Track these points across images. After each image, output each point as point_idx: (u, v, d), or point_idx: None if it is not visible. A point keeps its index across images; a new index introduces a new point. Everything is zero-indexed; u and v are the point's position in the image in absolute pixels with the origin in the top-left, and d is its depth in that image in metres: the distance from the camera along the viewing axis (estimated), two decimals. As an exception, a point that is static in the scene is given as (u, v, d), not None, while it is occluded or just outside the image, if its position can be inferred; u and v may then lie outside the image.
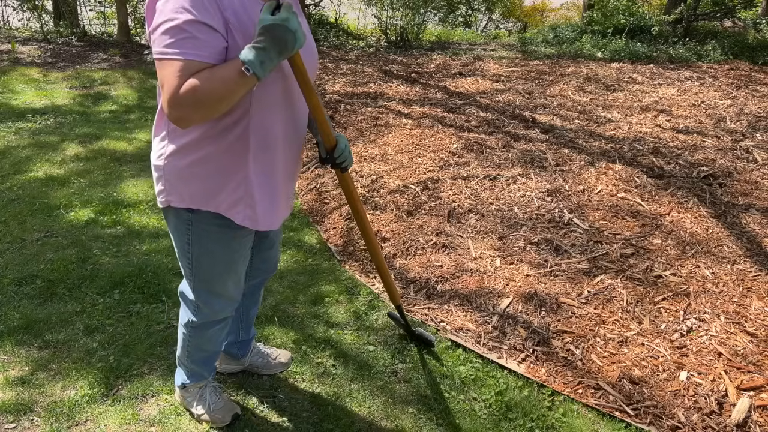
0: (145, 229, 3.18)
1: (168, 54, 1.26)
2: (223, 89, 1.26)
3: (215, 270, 1.65)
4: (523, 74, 6.60)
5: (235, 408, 1.94)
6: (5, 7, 8.52)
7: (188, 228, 1.58)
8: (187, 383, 1.92)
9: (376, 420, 1.99)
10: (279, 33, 1.26)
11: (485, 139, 4.42)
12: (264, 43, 1.26)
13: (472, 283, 2.72)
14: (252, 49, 1.25)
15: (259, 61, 1.25)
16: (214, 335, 1.83)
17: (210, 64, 1.28)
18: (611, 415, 2.02)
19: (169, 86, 1.26)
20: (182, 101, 1.26)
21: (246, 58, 1.25)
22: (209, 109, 1.29)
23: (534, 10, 12.34)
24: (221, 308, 1.75)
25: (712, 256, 2.88)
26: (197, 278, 1.67)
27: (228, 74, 1.26)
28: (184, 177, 1.50)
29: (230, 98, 1.29)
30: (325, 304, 2.59)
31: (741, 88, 5.93)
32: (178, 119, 1.29)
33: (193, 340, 1.82)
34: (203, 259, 1.63)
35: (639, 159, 3.99)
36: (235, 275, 1.69)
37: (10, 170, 3.85)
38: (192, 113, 1.29)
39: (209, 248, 1.60)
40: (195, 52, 1.26)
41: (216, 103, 1.28)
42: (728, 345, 2.30)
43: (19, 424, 1.91)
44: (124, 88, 5.92)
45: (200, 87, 1.25)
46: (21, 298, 2.55)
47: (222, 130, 1.44)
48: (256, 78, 1.27)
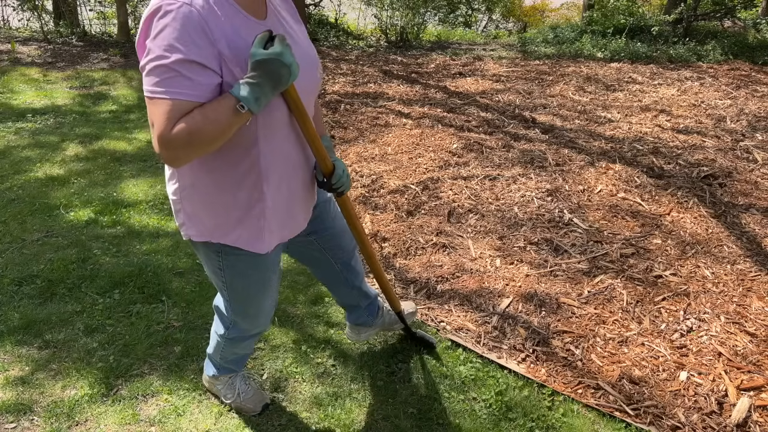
0: (145, 229, 3.18)
1: (157, 93, 1.19)
2: (216, 130, 1.21)
3: (250, 292, 1.64)
4: (523, 74, 6.60)
5: (266, 397, 1.99)
6: (5, 7, 8.52)
7: (218, 256, 1.55)
8: (216, 374, 1.97)
9: (376, 420, 1.99)
10: (273, 67, 1.20)
11: (485, 139, 4.42)
12: (258, 78, 1.20)
13: (472, 283, 2.72)
14: (246, 86, 1.20)
15: (254, 98, 1.21)
16: (249, 344, 1.90)
17: (201, 104, 1.22)
18: (611, 415, 2.02)
19: (159, 127, 1.19)
20: (173, 143, 1.20)
21: (240, 95, 1.20)
22: (202, 150, 1.24)
23: (534, 10, 12.34)
24: (257, 324, 1.77)
25: (712, 256, 2.88)
26: (233, 301, 1.67)
27: (221, 113, 1.20)
28: (201, 211, 1.47)
29: (224, 136, 1.25)
30: (325, 304, 2.59)
31: (741, 88, 5.93)
32: (170, 159, 1.24)
33: (227, 348, 1.87)
34: (237, 283, 1.61)
35: (639, 159, 3.99)
36: (269, 293, 1.69)
37: (10, 170, 3.85)
38: (184, 154, 1.23)
39: (242, 272, 1.58)
40: (185, 92, 1.19)
41: (209, 143, 1.23)
42: (728, 345, 2.30)
43: (19, 424, 1.91)
44: (124, 88, 5.92)
45: (193, 129, 1.19)
46: (21, 298, 2.55)
47: (233, 162, 1.39)
48: (250, 113, 1.23)
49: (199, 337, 2.35)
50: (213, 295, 2.61)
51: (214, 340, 1.89)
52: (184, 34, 1.19)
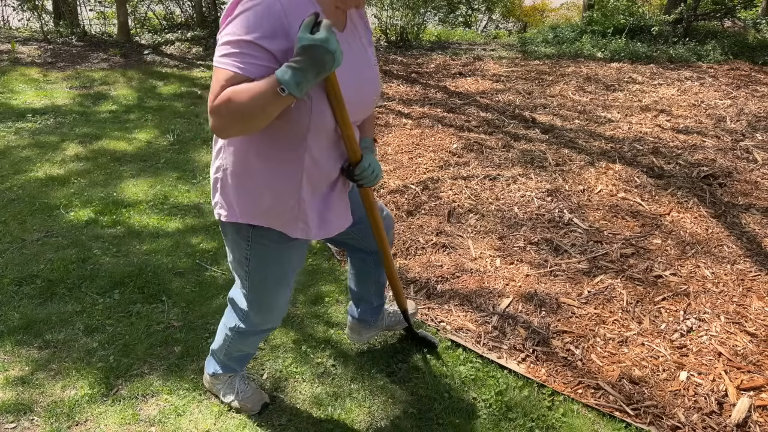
0: (145, 229, 3.18)
1: (219, 63, 1.29)
2: (255, 106, 1.25)
3: (268, 283, 1.67)
4: (523, 74, 6.60)
5: (264, 397, 2.00)
6: (5, 7, 8.52)
7: (248, 243, 1.58)
8: (218, 373, 1.98)
9: (376, 420, 1.99)
10: (317, 54, 1.21)
11: (485, 139, 4.42)
12: (302, 63, 1.22)
13: (472, 283, 2.72)
14: (289, 69, 1.22)
15: (295, 82, 1.22)
16: (256, 340, 1.91)
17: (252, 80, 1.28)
18: (611, 415, 2.02)
19: (211, 93, 1.29)
20: (217, 110, 1.27)
21: (282, 77, 1.22)
22: (242, 123, 1.29)
23: (534, 10, 12.33)
24: (270, 319, 1.79)
25: (712, 256, 2.88)
26: (252, 291, 1.70)
27: (262, 91, 1.24)
28: (238, 192, 1.51)
29: (264, 115, 1.28)
30: (325, 304, 2.59)
31: (741, 88, 5.93)
32: (214, 127, 1.31)
33: (234, 343, 1.88)
34: (258, 274, 1.65)
35: (639, 159, 3.99)
36: (286, 288, 1.72)
37: (10, 170, 3.85)
38: (226, 124, 1.29)
39: (266, 262, 1.62)
40: (243, 66, 1.27)
41: (249, 118, 1.27)
42: (728, 345, 2.30)
43: (19, 424, 1.91)
44: (124, 88, 5.92)
45: (233, 99, 1.25)
46: (21, 298, 2.55)
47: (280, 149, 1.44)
48: (292, 97, 1.25)
49: (199, 337, 2.35)
50: (213, 295, 2.61)
51: (222, 335, 1.90)
52: (262, 22, 1.27)
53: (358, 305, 2.18)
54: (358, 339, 2.27)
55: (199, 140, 4.53)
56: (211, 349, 1.99)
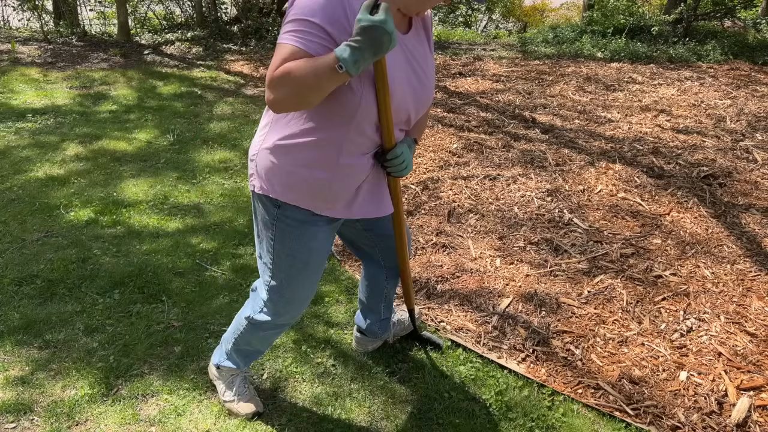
0: (145, 229, 3.18)
1: (282, 39, 1.35)
2: (313, 79, 1.29)
3: (292, 270, 1.69)
4: (523, 74, 6.60)
5: (258, 405, 1.98)
6: (5, 7, 8.52)
7: (274, 222, 1.62)
8: (222, 365, 1.98)
9: (376, 420, 1.99)
10: (376, 34, 1.25)
11: (485, 139, 4.42)
12: (360, 43, 1.26)
13: (472, 283, 2.72)
14: (347, 48, 1.27)
15: (353, 60, 1.27)
16: (267, 337, 1.90)
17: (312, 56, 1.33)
18: (611, 415, 2.02)
19: (271, 67, 1.34)
20: (275, 82, 1.33)
21: (341, 55, 1.27)
22: (298, 96, 1.33)
23: (534, 10, 12.33)
24: (286, 312, 1.78)
25: (712, 256, 2.88)
26: (274, 277, 1.72)
27: (321, 66, 1.29)
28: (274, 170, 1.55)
29: (320, 90, 1.32)
30: (325, 304, 2.59)
31: (741, 88, 5.93)
32: (271, 101, 1.36)
33: (245, 334, 1.87)
34: (283, 257, 1.67)
35: (639, 159, 3.99)
36: (309, 277, 1.72)
37: (10, 170, 3.85)
38: (282, 97, 1.34)
39: (290, 247, 1.65)
40: (304, 42, 1.33)
41: (306, 91, 1.32)
42: (728, 345, 2.30)
43: (19, 424, 1.92)
44: (124, 88, 5.92)
45: (293, 71, 1.30)
46: (21, 298, 2.55)
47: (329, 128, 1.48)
48: (348, 75, 1.29)
49: (199, 337, 2.35)
50: (213, 295, 2.61)
51: (236, 323, 1.90)
52: (327, 5, 1.34)
53: (366, 316, 2.18)
54: (362, 350, 2.28)
55: (199, 140, 4.53)
56: (223, 337, 1.99)
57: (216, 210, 3.42)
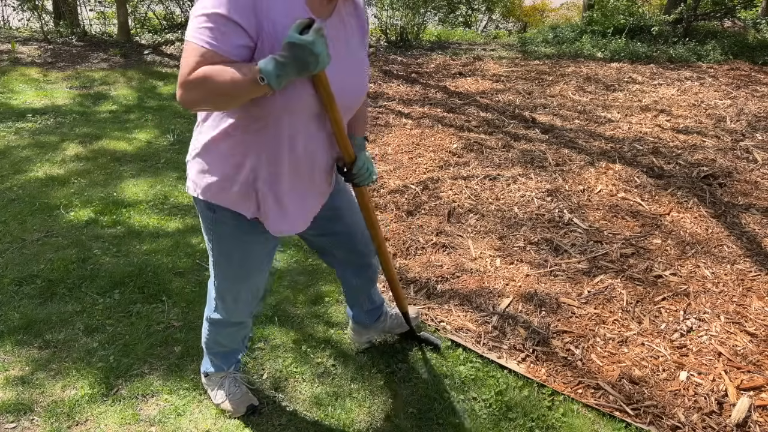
0: (145, 229, 3.18)
1: (191, 39, 1.31)
2: (231, 87, 1.28)
3: (230, 273, 1.72)
4: (523, 74, 6.60)
5: (252, 400, 2.00)
6: (5, 7, 8.52)
7: (211, 224, 1.64)
8: (209, 372, 2.01)
9: (376, 420, 1.99)
10: (301, 54, 1.26)
11: (485, 139, 4.42)
12: (285, 59, 1.26)
13: (472, 283, 2.72)
14: (272, 61, 1.26)
15: (275, 74, 1.26)
16: (231, 335, 1.92)
17: (227, 59, 1.30)
18: (611, 415, 2.02)
19: (184, 67, 1.30)
20: (191, 84, 1.30)
21: (264, 68, 1.26)
22: (214, 101, 1.33)
23: (534, 10, 12.33)
24: (234, 311, 1.82)
25: (712, 256, 2.88)
26: (217, 278, 1.75)
27: (241, 76, 1.27)
28: (204, 167, 1.55)
29: (237, 98, 1.32)
30: (325, 304, 2.59)
31: (741, 88, 5.93)
32: (183, 101, 1.33)
33: (211, 335, 1.92)
34: (222, 260, 1.70)
35: (639, 159, 3.99)
36: (248, 283, 1.75)
37: (10, 170, 3.85)
38: (197, 99, 1.32)
39: (227, 250, 1.67)
40: (215, 43, 1.29)
41: (222, 97, 1.31)
42: (728, 345, 2.30)
43: (19, 424, 1.92)
44: (124, 88, 5.92)
45: (211, 77, 1.28)
46: (21, 298, 2.55)
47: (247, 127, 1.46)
48: (269, 88, 1.28)
49: (198, 337, 2.34)
50: (213, 295, 2.61)
51: (203, 326, 1.94)
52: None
53: (352, 308, 2.24)
54: (358, 339, 2.29)
55: (199, 140, 4.53)
56: (202, 344, 2.02)
57: (216, 210, 3.41)
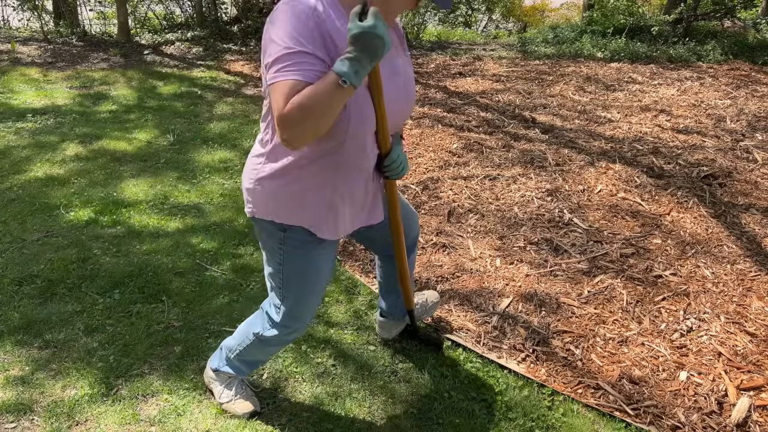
0: (145, 229, 3.18)
1: (276, 78, 1.32)
2: (321, 103, 1.28)
3: (306, 288, 1.71)
4: (523, 74, 6.60)
5: (257, 405, 1.99)
6: (5, 7, 8.52)
7: (280, 247, 1.63)
8: (221, 369, 1.99)
9: (376, 420, 1.99)
10: (368, 40, 1.26)
11: (485, 139, 4.42)
12: (355, 52, 1.27)
13: (472, 283, 2.72)
14: (345, 60, 1.28)
15: (353, 71, 1.27)
16: (274, 350, 1.92)
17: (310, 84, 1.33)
18: (611, 415, 2.02)
19: (276, 108, 1.31)
20: (288, 119, 1.30)
21: (340, 70, 1.27)
22: (314, 125, 1.31)
23: (534, 10, 12.34)
24: (299, 326, 1.80)
25: (712, 256, 2.88)
26: (288, 296, 1.73)
27: (325, 87, 1.28)
28: (278, 197, 1.56)
29: (331, 111, 1.32)
30: (325, 304, 2.59)
31: (741, 88, 5.93)
32: (286, 139, 1.33)
33: (251, 348, 1.88)
34: (293, 278, 1.68)
35: (639, 159, 3.99)
36: (318, 293, 1.75)
37: (10, 170, 3.85)
38: (298, 131, 1.31)
39: (300, 267, 1.66)
40: (298, 73, 1.31)
41: (320, 117, 1.30)
42: (728, 345, 2.30)
43: (19, 423, 1.92)
44: (124, 88, 5.92)
45: (303, 103, 1.28)
46: (21, 298, 2.55)
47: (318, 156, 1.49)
48: (353, 88, 1.29)
49: (199, 337, 2.35)
50: (213, 295, 2.61)
51: (242, 336, 1.90)
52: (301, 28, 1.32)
53: (385, 298, 2.22)
54: (388, 335, 2.31)
55: (199, 140, 4.53)
56: (224, 344, 1.98)
57: (216, 210, 3.42)
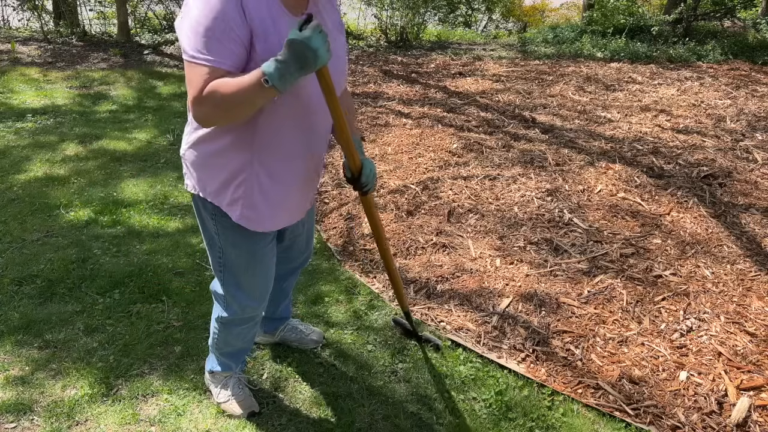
0: (145, 229, 3.18)
1: (197, 59, 1.35)
2: (241, 95, 1.33)
3: (241, 262, 1.72)
4: (523, 74, 6.60)
5: (254, 405, 2.00)
6: (5, 7, 8.52)
7: (213, 219, 1.66)
8: (215, 370, 2.01)
9: (376, 420, 1.99)
10: (300, 49, 1.28)
11: (485, 139, 4.42)
12: (285, 56, 1.29)
13: (472, 283, 2.72)
14: (273, 62, 1.30)
15: (278, 75, 1.29)
16: (242, 333, 1.91)
17: (231, 73, 1.36)
18: (611, 415, 2.02)
19: (194, 88, 1.36)
20: (204, 102, 1.36)
21: (267, 70, 1.30)
22: (228, 112, 1.38)
23: (534, 10, 12.34)
24: (248, 305, 1.80)
25: (712, 256, 2.88)
26: (226, 271, 1.75)
27: (248, 83, 1.32)
28: (200, 166, 1.60)
29: (249, 105, 1.37)
30: (325, 304, 2.59)
31: (741, 88, 5.93)
32: (201, 118, 1.41)
33: (221, 335, 1.91)
34: (229, 251, 1.71)
35: (639, 159, 3.99)
36: (261, 270, 1.76)
37: (10, 170, 3.85)
38: (211, 114, 1.39)
39: (234, 240, 1.68)
40: (220, 61, 1.35)
41: (235, 107, 1.36)
42: (728, 345, 2.30)
43: (20, 424, 1.92)
44: (124, 88, 5.92)
45: (221, 92, 1.33)
46: (21, 298, 2.55)
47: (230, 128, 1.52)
48: (275, 90, 1.31)
49: (199, 337, 2.35)
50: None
51: (212, 328, 1.94)
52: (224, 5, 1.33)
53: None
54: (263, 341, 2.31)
55: (199, 140, 4.53)
56: (209, 344, 2.01)
57: (216, 210, 3.42)
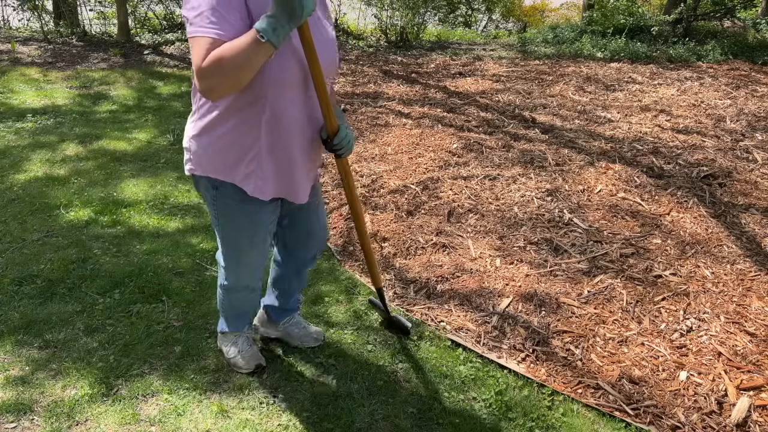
0: (145, 229, 3.18)
1: (196, 33, 1.42)
2: (241, 57, 1.38)
3: (240, 241, 1.84)
4: (522, 74, 6.60)
5: (260, 359, 2.16)
6: (5, 7, 8.52)
7: (214, 199, 1.75)
8: (225, 330, 2.16)
9: (376, 420, 1.99)
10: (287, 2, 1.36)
11: (485, 139, 4.42)
12: (275, 11, 1.37)
13: (472, 283, 2.72)
14: (265, 18, 1.38)
15: (271, 28, 1.37)
16: (244, 298, 2.05)
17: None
18: (611, 415, 2.02)
19: (196, 60, 1.42)
20: (207, 71, 1.40)
21: (260, 26, 1.37)
22: (232, 78, 1.41)
23: (534, 10, 12.34)
24: (245, 276, 1.95)
25: (712, 256, 2.88)
26: (224, 246, 1.89)
27: (245, 43, 1.38)
28: (208, 152, 1.67)
29: (250, 66, 1.41)
30: (325, 303, 2.59)
31: (740, 88, 5.93)
32: (207, 90, 1.43)
33: (224, 300, 2.06)
34: (229, 229, 1.82)
35: (639, 159, 3.99)
36: (257, 246, 1.86)
37: (10, 170, 3.85)
38: (216, 83, 1.42)
39: (234, 221, 1.78)
40: (219, 31, 1.41)
41: (237, 71, 1.40)
42: (728, 345, 2.30)
43: (20, 423, 1.92)
44: (124, 88, 5.92)
45: (221, 56, 1.39)
46: (21, 298, 2.55)
47: (239, 108, 1.59)
48: (271, 45, 1.39)
49: (199, 337, 2.35)
50: (213, 294, 2.61)
51: (218, 293, 2.07)
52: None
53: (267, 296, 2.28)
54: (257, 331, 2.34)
55: (199, 140, 4.53)
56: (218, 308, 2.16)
57: (216, 210, 3.42)
